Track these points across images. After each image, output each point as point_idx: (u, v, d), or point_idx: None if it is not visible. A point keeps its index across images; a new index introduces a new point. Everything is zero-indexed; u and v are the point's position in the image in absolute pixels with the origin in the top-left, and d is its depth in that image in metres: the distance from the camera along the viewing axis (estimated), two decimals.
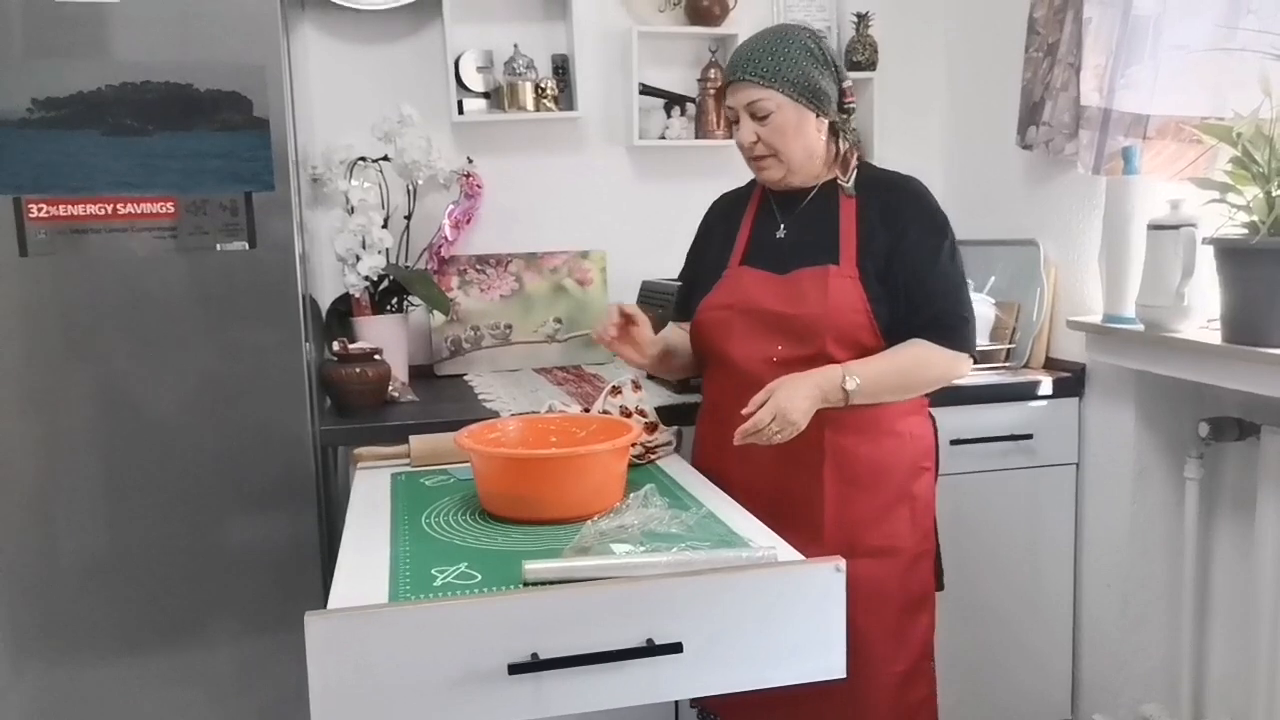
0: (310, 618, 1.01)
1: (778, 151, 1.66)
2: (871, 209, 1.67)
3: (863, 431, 1.64)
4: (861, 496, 1.65)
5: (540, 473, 1.40)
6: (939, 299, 1.62)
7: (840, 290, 1.62)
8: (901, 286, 1.62)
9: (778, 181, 1.70)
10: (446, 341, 2.53)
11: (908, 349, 1.61)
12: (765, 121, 1.64)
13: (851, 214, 1.67)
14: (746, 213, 1.80)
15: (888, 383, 1.59)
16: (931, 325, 1.61)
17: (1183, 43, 1.95)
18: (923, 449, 1.72)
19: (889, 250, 1.63)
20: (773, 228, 1.74)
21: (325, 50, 2.48)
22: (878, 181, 1.71)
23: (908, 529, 1.69)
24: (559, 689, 1.08)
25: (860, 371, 1.56)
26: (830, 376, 1.54)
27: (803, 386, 1.52)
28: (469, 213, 2.53)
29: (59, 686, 1.81)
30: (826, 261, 1.64)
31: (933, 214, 1.67)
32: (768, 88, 1.63)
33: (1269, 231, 1.65)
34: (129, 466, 1.80)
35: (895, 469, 1.67)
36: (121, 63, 1.72)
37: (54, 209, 1.72)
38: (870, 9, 2.72)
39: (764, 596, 1.13)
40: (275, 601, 1.87)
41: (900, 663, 1.68)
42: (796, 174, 1.69)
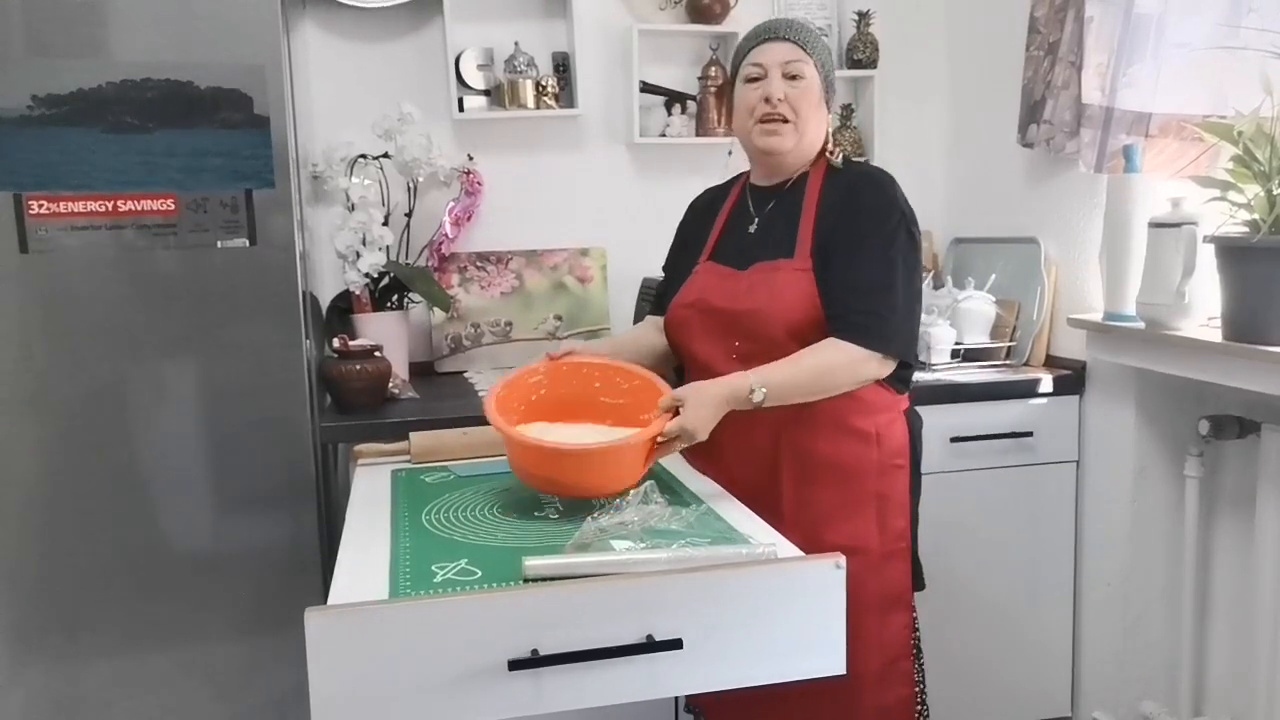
0: (310, 614, 1.01)
1: (799, 115, 1.63)
2: (831, 200, 1.64)
3: (819, 429, 1.62)
4: (821, 495, 1.63)
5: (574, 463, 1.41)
6: (858, 292, 1.56)
7: (790, 284, 1.59)
8: (832, 279, 1.58)
9: (783, 154, 1.66)
10: (447, 338, 2.53)
11: (815, 353, 1.56)
12: (796, 83, 1.63)
13: (814, 206, 1.65)
14: (723, 209, 1.79)
15: (797, 388, 1.55)
16: (844, 320, 1.56)
17: (1184, 41, 1.95)
18: (894, 448, 1.67)
19: (828, 240, 1.61)
20: (746, 223, 1.73)
21: (326, 48, 2.48)
22: (845, 174, 1.68)
23: (875, 529, 1.65)
24: (559, 685, 1.08)
25: (768, 379, 1.52)
26: (736, 386, 1.51)
27: (708, 399, 1.49)
28: (469, 210, 2.53)
29: (59, 686, 1.81)
30: (783, 255, 1.63)
31: (883, 206, 1.61)
32: (807, 53, 1.64)
33: (1270, 230, 1.65)
34: (129, 463, 1.80)
35: (860, 468, 1.64)
36: (122, 60, 1.72)
37: (54, 206, 1.72)
38: (871, 7, 2.72)
39: (764, 593, 1.13)
40: (275, 600, 1.87)
41: (872, 662, 1.64)
42: (799, 153, 1.67)
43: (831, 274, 1.58)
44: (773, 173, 1.71)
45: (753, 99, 1.65)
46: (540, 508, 1.42)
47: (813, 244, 1.61)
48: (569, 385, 1.60)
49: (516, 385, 1.55)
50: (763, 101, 1.64)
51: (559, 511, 1.41)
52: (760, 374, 1.52)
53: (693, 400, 1.49)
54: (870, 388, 1.62)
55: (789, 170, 1.70)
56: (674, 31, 2.65)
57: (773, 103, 1.62)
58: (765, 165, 1.71)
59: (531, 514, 1.40)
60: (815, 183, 1.67)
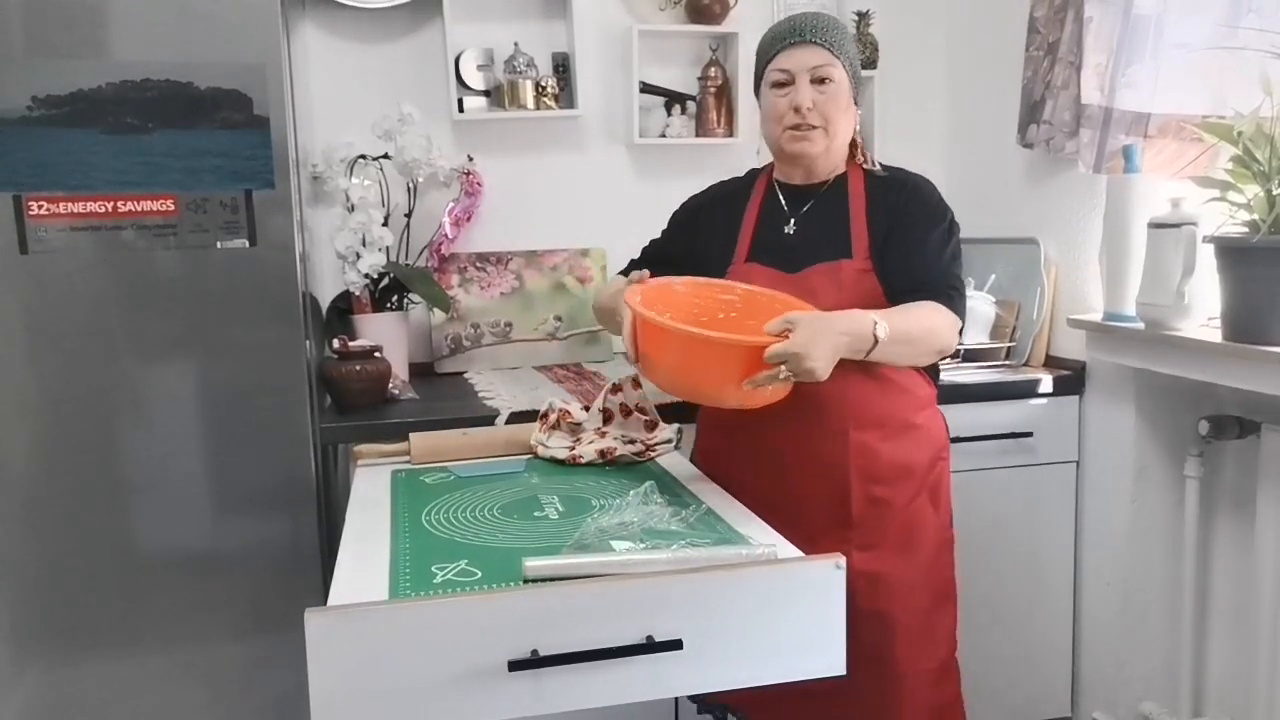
0: (310, 614, 1.01)
1: (828, 122, 1.62)
2: (879, 202, 1.65)
3: (884, 427, 1.62)
4: (887, 494, 1.62)
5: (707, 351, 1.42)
6: (932, 269, 1.60)
7: (856, 284, 1.60)
8: (896, 262, 1.60)
9: (813, 158, 1.66)
10: (446, 339, 2.53)
11: (922, 307, 1.55)
12: (824, 88, 1.61)
13: (861, 207, 1.65)
14: (749, 207, 1.75)
15: (908, 340, 1.51)
16: (930, 290, 1.57)
17: (1184, 41, 1.95)
18: (940, 440, 1.70)
19: (886, 235, 1.62)
20: (780, 224, 1.70)
21: (326, 48, 2.48)
22: (887, 178, 1.69)
23: (931, 521, 1.67)
24: (559, 686, 1.08)
25: (889, 321, 1.47)
26: (860, 321, 1.45)
27: (830, 331, 1.41)
28: (469, 210, 2.53)
29: (59, 686, 1.81)
30: (840, 256, 1.62)
31: (937, 207, 1.66)
32: (835, 55, 1.61)
33: (1269, 230, 1.65)
34: (129, 464, 1.80)
35: (917, 463, 1.65)
36: (122, 61, 1.72)
37: (54, 207, 1.72)
38: (871, 7, 2.72)
39: (764, 593, 1.13)
40: (275, 600, 1.87)
41: (931, 660, 1.67)
42: (831, 155, 1.66)
43: (899, 263, 1.60)
44: (807, 174, 1.70)
45: (781, 107, 1.63)
46: (540, 508, 1.43)
47: (870, 245, 1.62)
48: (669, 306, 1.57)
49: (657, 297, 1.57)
50: (791, 110, 1.62)
51: (559, 512, 1.41)
52: (879, 313, 1.49)
53: (809, 326, 1.40)
54: (916, 379, 1.65)
55: (823, 171, 1.69)
56: (674, 32, 2.65)
57: (802, 112, 1.61)
58: (796, 166, 1.70)
59: (531, 514, 1.40)
60: (857, 185, 1.67)
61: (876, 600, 1.60)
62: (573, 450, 1.65)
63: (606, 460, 1.63)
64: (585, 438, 1.69)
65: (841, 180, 1.69)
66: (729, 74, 2.69)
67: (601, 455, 1.63)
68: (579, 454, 1.64)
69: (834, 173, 1.69)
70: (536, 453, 1.70)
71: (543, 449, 1.69)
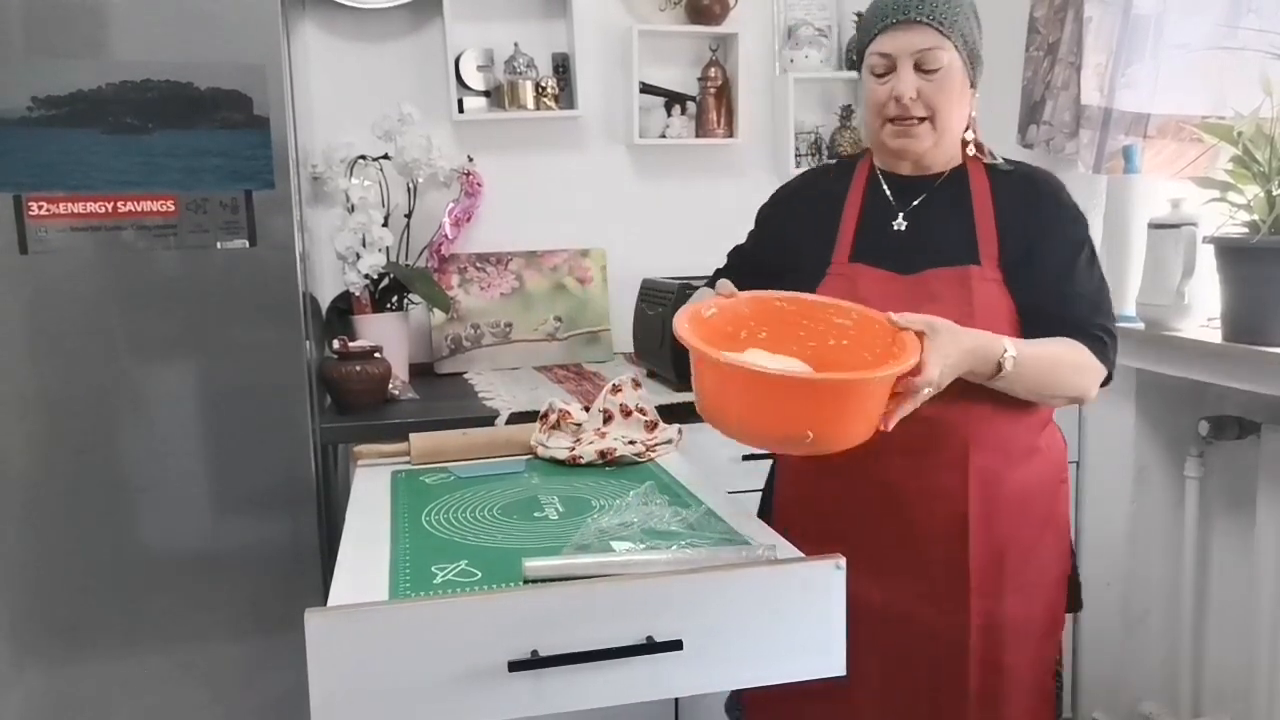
0: (310, 615, 1.01)
1: (936, 113, 1.40)
2: (1009, 203, 1.43)
3: (1008, 452, 1.42)
4: (1008, 527, 1.43)
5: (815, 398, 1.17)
6: (1080, 300, 1.40)
7: (986, 295, 1.38)
8: (1036, 282, 1.39)
9: (920, 155, 1.45)
10: (446, 339, 2.53)
11: (1062, 344, 1.37)
12: (933, 75, 1.38)
13: (988, 205, 1.43)
14: (850, 197, 1.51)
15: (1038, 375, 1.34)
16: (1079, 329, 1.38)
17: (1183, 42, 1.95)
18: (1061, 463, 1.52)
19: (1027, 249, 1.40)
20: (887, 218, 1.48)
21: (326, 48, 2.48)
22: (1013, 174, 1.47)
23: (1053, 555, 1.49)
24: (559, 686, 1.08)
25: (1020, 349, 1.30)
26: (989, 345, 1.28)
27: (959, 339, 1.25)
28: (469, 211, 2.53)
29: (59, 686, 1.81)
30: (965, 261, 1.40)
31: (1074, 215, 1.45)
32: (946, 35, 1.38)
33: (1269, 230, 1.65)
34: (129, 465, 1.80)
35: (1039, 490, 1.46)
36: (122, 61, 1.71)
37: (54, 207, 1.72)
38: None
39: (764, 594, 1.13)
40: (275, 600, 1.87)
41: (1024, 699, 1.49)
42: (940, 150, 1.45)
43: (1039, 284, 1.39)
44: (917, 165, 1.49)
45: (880, 96, 1.42)
46: (540, 508, 1.42)
47: (1000, 252, 1.41)
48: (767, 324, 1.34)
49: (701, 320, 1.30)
50: (892, 100, 1.41)
51: (559, 512, 1.41)
52: (1012, 340, 1.31)
53: (949, 333, 1.24)
54: None
55: (935, 163, 1.48)
56: (674, 32, 2.66)
57: (904, 102, 1.39)
58: (907, 160, 1.49)
59: (531, 515, 1.40)
60: (980, 181, 1.46)
61: (991, 649, 1.44)
62: (573, 451, 1.64)
63: (606, 460, 1.63)
64: (585, 438, 1.69)
65: (960, 174, 1.47)
66: (729, 74, 2.69)
67: (601, 456, 1.63)
68: (579, 454, 1.64)
69: (949, 165, 1.48)
70: (536, 453, 1.70)
71: (543, 449, 1.69)
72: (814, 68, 2.72)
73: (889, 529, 1.43)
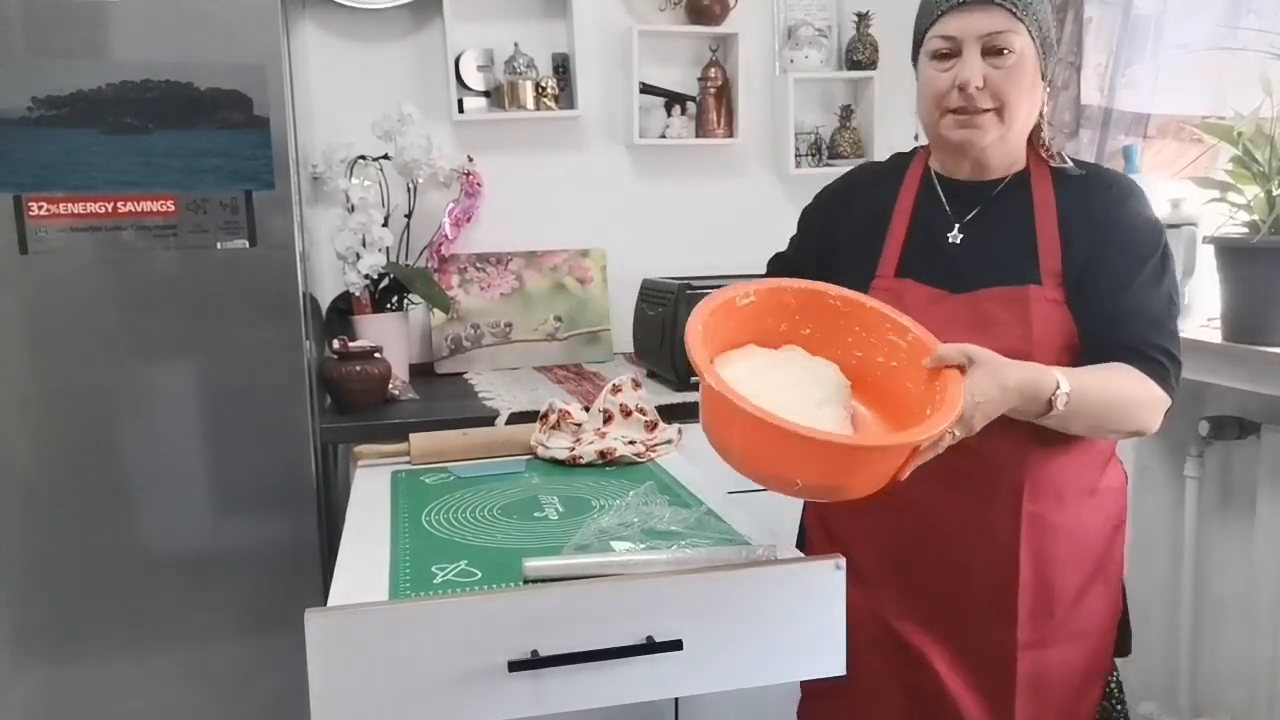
0: (310, 615, 1.01)
1: (1005, 104, 1.26)
2: (1076, 212, 1.29)
3: (1064, 493, 1.31)
4: (1059, 575, 1.33)
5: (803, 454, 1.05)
6: (1139, 319, 1.25)
7: (1046, 319, 1.25)
8: (1095, 300, 1.26)
9: (983, 151, 1.30)
10: (446, 339, 2.53)
11: (1120, 372, 1.22)
12: (1002, 60, 1.24)
13: (1051, 215, 1.29)
14: (900, 202, 1.37)
15: (1095, 411, 1.20)
16: (1138, 353, 1.24)
17: (1183, 42, 1.95)
18: (1121, 505, 1.40)
19: (1087, 263, 1.27)
20: (941, 228, 1.34)
21: (326, 48, 2.48)
22: (1084, 178, 1.32)
23: (1105, 603, 1.39)
24: (559, 686, 1.08)
25: (1075, 383, 1.16)
26: (1038, 381, 1.14)
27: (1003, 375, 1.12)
28: (469, 211, 2.53)
29: (59, 686, 1.81)
30: (1025, 280, 1.26)
31: (1149, 226, 1.29)
32: (1019, 19, 1.24)
33: (1269, 230, 1.65)
34: (129, 465, 1.80)
35: (1093, 535, 1.36)
36: (122, 61, 1.71)
37: (55, 207, 1.72)
38: (871, 8, 2.72)
39: (764, 594, 1.13)
40: (275, 601, 1.87)
41: None
42: (1004, 148, 1.30)
43: (1098, 302, 1.26)
44: (977, 168, 1.34)
45: (941, 84, 1.27)
46: (540, 508, 1.43)
47: (1063, 269, 1.27)
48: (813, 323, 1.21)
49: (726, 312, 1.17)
50: (955, 89, 1.26)
51: (559, 512, 1.41)
52: (1066, 373, 1.17)
53: (988, 368, 1.11)
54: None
55: (997, 165, 1.33)
56: (674, 32, 2.66)
57: (969, 91, 1.25)
58: (959, 158, 1.35)
59: (531, 515, 1.40)
60: (1044, 187, 1.32)
61: (1034, 699, 1.35)
62: (573, 451, 1.65)
63: (606, 461, 1.63)
64: (585, 438, 1.69)
65: (1023, 179, 1.33)
66: (729, 74, 2.69)
67: (601, 456, 1.63)
68: (579, 454, 1.64)
69: (1012, 168, 1.33)
70: (536, 453, 1.70)
71: (543, 449, 1.69)
72: (814, 68, 2.72)
73: (930, 570, 1.33)
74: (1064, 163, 1.33)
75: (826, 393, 1.15)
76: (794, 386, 1.13)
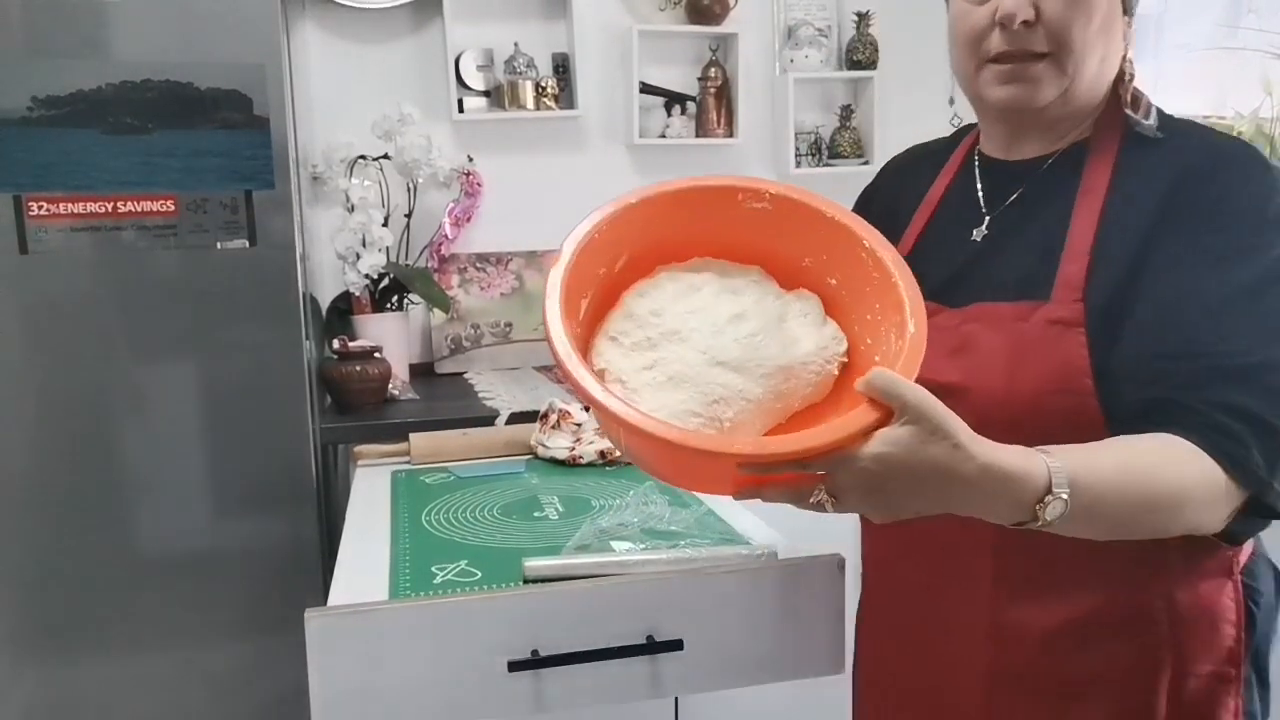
0: (310, 615, 1.01)
1: (1065, 45, 0.91)
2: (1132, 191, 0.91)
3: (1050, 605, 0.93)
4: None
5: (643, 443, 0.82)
6: (1208, 361, 0.83)
7: (1045, 350, 0.89)
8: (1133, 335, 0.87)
9: (1038, 112, 0.96)
10: (447, 339, 2.53)
11: (1157, 457, 0.81)
12: None
13: (1098, 197, 0.92)
14: (931, 190, 1.08)
15: (1111, 512, 0.79)
16: (1199, 417, 0.81)
17: (1184, 42, 1.96)
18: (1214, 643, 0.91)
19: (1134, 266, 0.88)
20: (968, 222, 1.02)
21: (326, 48, 2.48)
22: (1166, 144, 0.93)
23: None
24: (559, 686, 1.08)
25: (1077, 476, 0.77)
26: (1013, 477, 0.75)
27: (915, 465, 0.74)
28: (469, 211, 2.53)
29: (59, 686, 1.81)
30: (1033, 292, 0.92)
31: (1255, 204, 0.87)
32: None
33: None
34: (129, 465, 1.80)
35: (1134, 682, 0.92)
36: (122, 61, 1.71)
37: (54, 207, 1.72)
38: (871, 8, 2.72)
39: (764, 594, 1.13)
40: (275, 601, 1.87)
41: None
42: (1072, 104, 0.95)
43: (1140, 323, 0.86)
44: (1017, 139, 1.01)
45: (977, 22, 0.96)
46: (540, 508, 1.42)
47: (1089, 273, 0.89)
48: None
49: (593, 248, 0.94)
50: (994, 28, 0.93)
51: (559, 512, 1.41)
52: (1065, 460, 0.77)
53: (910, 438, 0.73)
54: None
55: (1052, 136, 0.99)
56: (674, 32, 2.66)
57: (1014, 29, 0.92)
58: (1006, 126, 1.02)
59: (531, 514, 1.40)
60: (1102, 160, 0.94)
61: None
62: (573, 451, 1.64)
63: (606, 460, 1.63)
64: (585, 438, 1.69)
65: (1079, 153, 0.97)
66: (729, 74, 2.69)
67: (601, 455, 1.63)
68: (579, 454, 1.64)
69: (1064, 138, 0.99)
70: (536, 453, 1.70)
71: (543, 449, 1.69)
72: (814, 68, 2.72)
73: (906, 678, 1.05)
74: (1146, 121, 0.93)
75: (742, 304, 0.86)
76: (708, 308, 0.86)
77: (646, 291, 0.88)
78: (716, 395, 0.78)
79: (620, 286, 0.90)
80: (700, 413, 0.78)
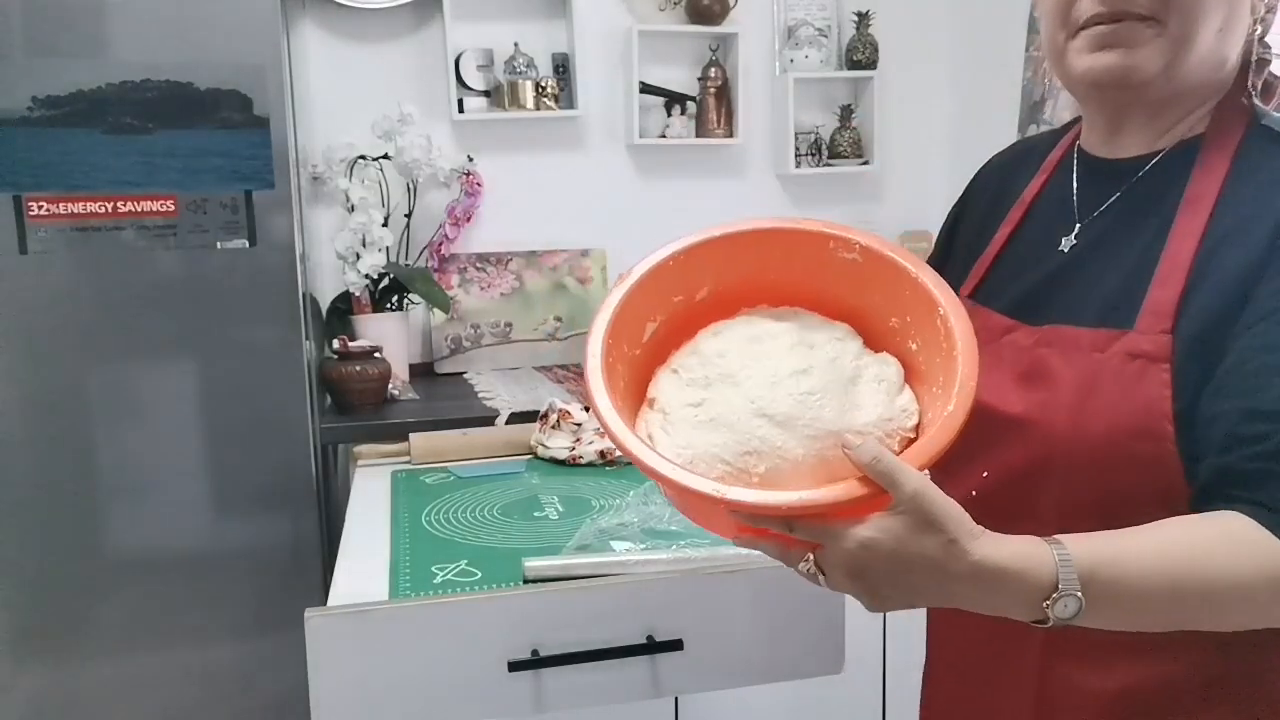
0: (310, 615, 1.01)
1: (1176, 12, 0.76)
2: (1250, 196, 0.77)
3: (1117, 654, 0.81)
4: None
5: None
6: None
7: (1119, 387, 0.76)
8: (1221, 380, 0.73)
9: (1140, 88, 0.80)
10: (446, 339, 2.53)
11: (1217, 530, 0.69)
12: None
13: (1206, 206, 0.78)
14: (1027, 189, 0.95)
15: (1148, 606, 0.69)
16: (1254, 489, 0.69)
17: None
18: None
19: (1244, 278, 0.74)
20: (1059, 229, 0.89)
21: (326, 48, 2.48)
22: None
23: None
24: (559, 686, 1.08)
25: (1098, 569, 0.66)
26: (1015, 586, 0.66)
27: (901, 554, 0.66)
28: (469, 211, 2.53)
29: (59, 686, 1.81)
30: (1115, 318, 0.79)
31: None
32: None
33: None
34: (129, 465, 1.80)
35: None
36: (122, 61, 1.71)
37: (54, 207, 1.72)
38: (871, 8, 2.72)
39: (764, 593, 1.14)
40: (275, 601, 1.87)
41: None
42: (1182, 82, 0.79)
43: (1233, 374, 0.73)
44: (1118, 130, 0.86)
45: None
46: (540, 508, 1.43)
47: (1181, 301, 0.76)
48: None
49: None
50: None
51: (559, 512, 1.41)
52: (1084, 551, 0.67)
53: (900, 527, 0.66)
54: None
55: (1158, 127, 0.84)
56: (674, 32, 2.65)
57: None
58: (1104, 112, 0.87)
59: (531, 514, 1.40)
60: (1217, 164, 0.79)
61: None
62: (573, 451, 1.65)
63: (606, 460, 1.63)
64: (585, 438, 1.69)
65: (1191, 150, 0.81)
66: (729, 74, 2.69)
67: (601, 455, 1.63)
68: (579, 454, 1.64)
69: (1192, 129, 0.82)
70: (536, 453, 1.70)
71: (543, 449, 1.69)
72: (814, 68, 2.72)
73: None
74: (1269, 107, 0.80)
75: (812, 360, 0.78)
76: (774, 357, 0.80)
77: (721, 331, 0.84)
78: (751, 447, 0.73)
79: (701, 319, 0.86)
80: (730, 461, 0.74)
